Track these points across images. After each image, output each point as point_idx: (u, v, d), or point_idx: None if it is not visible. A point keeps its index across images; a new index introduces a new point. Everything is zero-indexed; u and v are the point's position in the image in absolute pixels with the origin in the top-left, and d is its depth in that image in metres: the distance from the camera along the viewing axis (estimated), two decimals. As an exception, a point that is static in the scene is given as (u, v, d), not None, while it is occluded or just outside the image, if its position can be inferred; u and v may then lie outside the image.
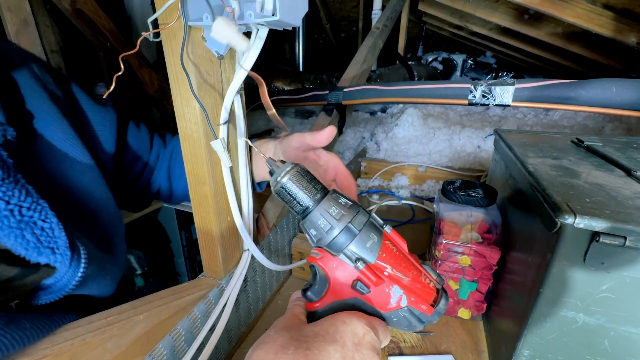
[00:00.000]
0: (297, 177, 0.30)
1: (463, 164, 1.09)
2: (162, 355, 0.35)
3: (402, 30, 1.97)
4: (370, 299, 0.29)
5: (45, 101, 0.39)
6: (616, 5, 1.07)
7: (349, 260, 0.29)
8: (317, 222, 0.29)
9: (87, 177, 0.41)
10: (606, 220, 0.27)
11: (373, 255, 0.29)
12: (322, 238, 0.29)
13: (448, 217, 0.53)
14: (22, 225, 0.30)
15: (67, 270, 0.33)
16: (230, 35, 0.29)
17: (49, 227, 0.32)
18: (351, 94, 0.89)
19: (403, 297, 0.29)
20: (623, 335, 0.31)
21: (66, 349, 0.29)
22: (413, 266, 0.30)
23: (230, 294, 0.44)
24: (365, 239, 0.29)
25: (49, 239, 0.32)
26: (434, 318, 0.29)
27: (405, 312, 0.29)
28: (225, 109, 0.39)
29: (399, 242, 0.31)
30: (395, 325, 0.30)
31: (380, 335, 0.28)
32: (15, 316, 0.28)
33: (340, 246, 0.29)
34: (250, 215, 0.46)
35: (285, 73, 1.94)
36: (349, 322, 0.26)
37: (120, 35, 1.19)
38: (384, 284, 0.29)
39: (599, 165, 0.43)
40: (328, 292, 0.30)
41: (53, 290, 0.34)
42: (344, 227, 0.29)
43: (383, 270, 0.29)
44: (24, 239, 0.30)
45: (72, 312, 0.34)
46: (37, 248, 0.31)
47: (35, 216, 0.31)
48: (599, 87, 0.59)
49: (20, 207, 0.30)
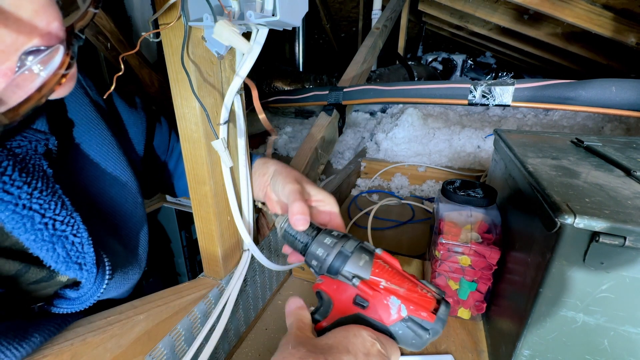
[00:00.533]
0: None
1: (463, 164, 1.09)
2: (163, 355, 0.35)
3: (402, 31, 1.97)
4: (371, 312, 0.31)
5: (86, 108, 0.39)
6: (616, 5, 1.07)
7: (346, 279, 0.33)
8: (316, 252, 0.35)
9: (116, 187, 0.42)
10: (606, 220, 0.27)
11: (367, 272, 0.32)
12: (322, 265, 0.35)
13: (448, 217, 0.53)
14: (54, 239, 0.31)
15: (91, 285, 0.34)
16: (231, 37, 0.29)
17: (79, 242, 0.32)
18: (351, 94, 0.89)
19: (402, 307, 0.30)
20: (623, 335, 0.31)
21: (66, 349, 0.29)
22: (407, 279, 0.33)
23: (230, 294, 0.44)
24: (358, 259, 0.33)
25: (78, 254, 0.32)
26: (437, 325, 0.30)
27: (408, 321, 0.30)
28: (226, 109, 0.39)
29: (391, 260, 0.35)
30: (402, 340, 0.31)
31: (387, 348, 0.29)
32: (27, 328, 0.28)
33: (337, 269, 0.33)
34: (250, 215, 0.47)
35: (285, 73, 1.94)
36: (358, 335, 0.28)
37: (121, 36, 1.19)
38: (381, 296, 0.31)
39: (598, 165, 0.43)
40: (333, 311, 0.33)
41: (75, 303, 0.35)
42: (338, 251, 0.34)
43: (378, 283, 0.32)
44: (54, 252, 0.31)
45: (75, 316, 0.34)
46: (66, 262, 0.32)
47: (68, 230, 0.31)
48: (599, 87, 0.59)
49: (55, 221, 0.31)
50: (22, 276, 0.31)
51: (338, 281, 0.34)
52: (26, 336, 0.27)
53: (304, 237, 0.37)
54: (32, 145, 0.30)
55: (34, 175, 0.30)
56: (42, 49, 0.20)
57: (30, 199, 0.29)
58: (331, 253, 0.34)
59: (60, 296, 0.34)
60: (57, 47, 0.21)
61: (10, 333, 0.26)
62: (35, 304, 0.33)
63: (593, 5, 1.10)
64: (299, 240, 0.38)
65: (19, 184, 0.28)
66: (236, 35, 0.29)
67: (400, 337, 0.31)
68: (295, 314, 0.33)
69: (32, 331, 0.28)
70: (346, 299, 0.32)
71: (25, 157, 0.30)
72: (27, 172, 0.29)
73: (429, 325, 0.30)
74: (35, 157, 0.31)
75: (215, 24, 0.29)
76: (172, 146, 0.57)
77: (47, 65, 0.21)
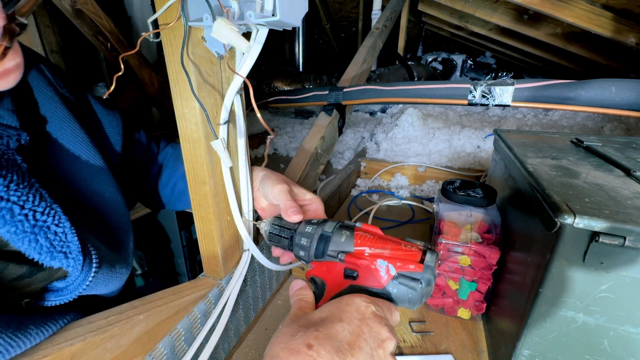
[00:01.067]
0: (277, 222, 0.41)
1: (463, 164, 1.09)
2: (162, 355, 0.35)
3: (402, 31, 1.97)
4: (363, 280, 0.32)
5: (57, 105, 0.39)
6: (615, 5, 1.07)
7: (333, 258, 0.34)
8: (300, 242, 0.37)
9: (97, 179, 0.42)
10: (605, 220, 0.28)
11: (350, 245, 0.34)
12: (309, 253, 0.36)
13: (448, 217, 0.53)
14: (36, 230, 0.30)
15: (79, 274, 0.34)
16: (230, 35, 0.29)
17: (62, 231, 0.32)
18: (351, 94, 0.89)
19: (390, 267, 0.31)
20: (622, 335, 0.31)
21: (66, 349, 0.29)
22: (390, 241, 0.34)
23: (230, 294, 0.44)
24: (339, 237, 0.35)
25: (62, 243, 0.32)
26: (427, 273, 0.31)
27: (398, 278, 0.31)
28: (226, 109, 0.39)
29: (371, 229, 0.36)
30: (398, 297, 0.32)
31: (384, 309, 0.29)
32: (22, 320, 0.28)
33: (322, 251, 0.35)
34: (250, 215, 0.47)
35: (285, 73, 1.94)
36: (351, 302, 0.28)
37: (121, 36, 1.19)
38: (368, 262, 0.32)
39: (598, 165, 0.43)
40: (327, 290, 0.33)
41: (64, 293, 0.35)
42: (319, 235, 0.36)
43: (363, 252, 0.33)
44: (37, 244, 0.30)
45: (72, 311, 0.34)
46: (51, 252, 0.31)
47: (49, 220, 0.31)
48: (598, 87, 0.59)
49: (35, 212, 0.30)
50: (1, 273, 0.30)
51: (326, 262, 0.35)
52: (21, 328, 0.26)
53: (287, 233, 0.39)
54: (3, 141, 0.30)
55: (8, 169, 0.29)
56: None
57: (7, 191, 0.29)
58: (313, 239, 0.36)
59: (48, 289, 0.34)
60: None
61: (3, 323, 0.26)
62: (22, 300, 0.32)
63: (593, 5, 1.10)
64: (284, 237, 0.39)
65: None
66: (235, 34, 0.29)
67: (397, 296, 0.32)
68: (296, 294, 0.33)
69: (27, 324, 0.27)
70: (337, 275, 0.34)
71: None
72: (1, 166, 0.29)
73: (418, 275, 0.31)
74: (8, 152, 0.30)
75: (214, 23, 0.29)
76: (152, 155, 0.57)
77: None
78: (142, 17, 1.42)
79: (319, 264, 0.36)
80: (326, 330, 0.25)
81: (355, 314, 0.27)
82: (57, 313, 0.32)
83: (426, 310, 0.56)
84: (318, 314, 0.28)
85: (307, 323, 0.27)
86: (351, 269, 0.33)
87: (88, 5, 1.08)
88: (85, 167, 0.40)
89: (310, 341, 0.24)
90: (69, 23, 1.13)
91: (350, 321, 0.26)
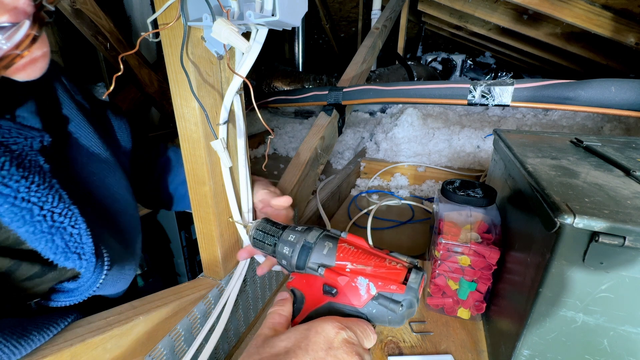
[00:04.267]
0: (261, 227, 0.39)
1: (462, 164, 1.09)
2: (162, 356, 0.35)
3: (402, 31, 1.97)
4: (342, 298, 0.30)
5: (73, 110, 0.40)
6: (615, 5, 1.07)
7: (313, 271, 0.32)
8: (283, 251, 0.35)
9: (111, 180, 0.43)
10: (605, 220, 0.27)
11: (331, 258, 0.32)
12: (290, 262, 0.34)
13: (447, 217, 0.53)
14: (53, 231, 0.31)
15: (90, 275, 0.35)
16: (229, 35, 0.29)
17: (78, 233, 0.33)
18: (350, 94, 0.89)
19: (370, 286, 0.30)
20: (622, 335, 0.31)
21: (66, 350, 0.28)
22: (375, 256, 0.32)
23: (230, 294, 0.44)
24: (321, 248, 0.33)
25: (76, 244, 0.33)
26: (409, 295, 0.29)
27: (378, 298, 0.29)
28: (225, 109, 0.39)
29: (357, 241, 0.34)
30: (377, 318, 0.30)
31: (358, 333, 0.28)
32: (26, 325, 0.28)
33: (303, 262, 0.33)
34: (250, 215, 0.46)
35: (284, 73, 1.94)
36: (320, 331, 0.27)
37: (120, 36, 1.18)
38: (348, 280, 0.30)
39: (597, 165, 0.43)
40: (305, 305, 0.32)
41: (74, 294, 0.35)
42: (301, 245, 0.34)
43: (344, 267, 0.31)
44: (53, 244, 0.31)
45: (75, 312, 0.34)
46: (65, 253, 0.32)
47: (66, 222, 0.32)
48: (598, 87, 0.59)
49: (53, 213, 0.31)
50: (14, 273, 0.31)
51: (307, 275, 0.33)
52: (24, 334, 0.27)
53: (271, 240, 0.37)
54: (27, 142, 0.31)
55: (30, 170, 0.30)
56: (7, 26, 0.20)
57: (29, 192, 0.30)
58: (295, 249, 0.34)
59: (58, 290, 0.35)
60: (22, 22, 0.21)
61: (7, 330, 0.26)
62: (32, 300, 0.33)
63: (592, 5, 1.10)
64: (268, 244, 0.37)
65: (17, 178, 0.29)
66: (235, 34, 0.29)
67: (375, 317, 0.30)
68: (272, 310, 0.32)
69: (30, 329, 0.28)
70: (316, 290, 0.32)
71: (21, 154, 0.31)
72: (24, 167, 0.30)
73: (400, 297, 0.29)
74: (32, 154, 0.31)
75: (213, 23, 0.29)
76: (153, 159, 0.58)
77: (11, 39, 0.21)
78: (141, 17, 1.42)
79: (300, 276, 0.34)
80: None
81: (322, 344, 0.26)
82: (59, 315, 0.32)
83: (426, 310, 0.56)
84: (284, 341, 0.27)
85: (270, 354, 0.26)
86: (330, 285, 0.31)
87: (87, 5, 1.08)
88: (101, 168, 0.42)
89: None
90: (69, 23, 1.13)
91: (315, 353, 0.25)
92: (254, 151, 1.55)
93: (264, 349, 0.27)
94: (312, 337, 0.26)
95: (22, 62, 0.24)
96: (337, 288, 0.31)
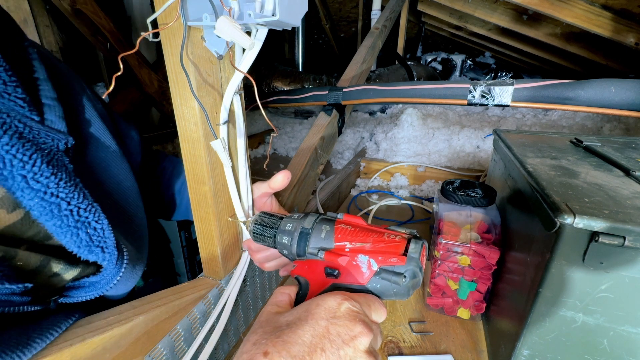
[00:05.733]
0: (259, 221, 0.40)
1: (462, 164, 1.09)
2: (162, 356, 0.35)
3: (402, 31, 1.97)
4: (345, 278, 0.31)
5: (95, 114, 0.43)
6: (614, 5, 1.07)
7: (313, 256, 0.33)
8: (282, 241, 0.36)
9: (127, 183, 0.45)
10: (605, 220, 0.28)
11: (330, 241, 0.32)
12: (291, 251, 0.35)
13: (447, 217, 0.53)
14: (79, 225, 0.33)
15: (112, 268, 0.36)
16: (233, 32, 0.29)
17: (101, 227, 0.35)
18: (350, 94, 0.89)
19: (371, 262, 0.30)
20: (622, 335, 0.31)
21: (65, 350, 0.28)
22: (373, 232, 0.32)
23: (230, 294, 0.44)
24: (319, 232, 0.33)
25: (99, 238, 0.35)
26: (410, 265, 0.29)
27: (380, 273, 0.29)
28: (225, 109, 0.39)
29: (353, 220, 0.35)
30: (383, 293, 0.30)
31: (362, 303, 0.28)
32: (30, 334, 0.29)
33: (303, 249, 0.34)
34: (250, 214, 0.46)
35: (284, 73, 1.93)
36: (322, 303, 0.27)
37: (120, 36, 1.19)
38: (349, 259, 0.31)
39: (597, 165, 0.43)
40: (310, 290, 0.32)
41: (93, 289, 0.37)
42: (299, 233, 0.34)
43: (343, 248, 0.32)
44: (78, 237, 0.33)
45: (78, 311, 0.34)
46: (89, 247, 0.34)
47: (90, 217, 0.34)
48: (598, 87, 0.59)
49: (79, 208, 0.33)
50: (44, 268, 0.33)
51: (309, 261, 0.33)
52: (28, 342, 0.27)
53: (270, 232, 0.38)
54: (54, 143, 0.33)
55: (59, 169, 0.32)
56: None
57: (57, 188, 0.31)
58: (294, 237, 0.35)
59: (77, 286, 0.36)
60: None
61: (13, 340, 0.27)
62: (51, 297, 0.34)
63: (592, 5, 1.10)
64: (268, 236, 0.38)
65: (47, 175, 0.31)
66: (238, 31, 0.29)
67: (381, 292, 0.30)
68: (277, 289, 0.33)
69: (34, 337, 0.28)
70: (319, 274, 0.32)
71: (50, 152, 0.32)
72: (53, 165, 0.32)
73: (402, 269, 0.29)
74: (58, 154, 0.33)
75: (217, 21, 0.29)
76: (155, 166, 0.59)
77: None
78: (141, 17, 1.42)
79: (302, 262, 0.34)
80: (286, 336, 0.24)
81: (323, 314, 0.26)
82: (64, 316, 0.32)
83: (426, 310, 0.56)
84: (287, 316, 0.27)
85: (273, 328, 0.26)
86: (332, 267, 0.31)
87: (87, 5, 1.08)
88: (118, 172, 0.44)
89: (268, 349, 0.23)
90: (69, 23, 1.13)
91: (316, 323, 0.25)
92: (253, 151, 1.55)
93: (267, 324, 0.27)
94: (313, 309, 0.27)
95: None
96: (339, 269, 0.31)
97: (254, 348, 0.24)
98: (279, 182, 0.45)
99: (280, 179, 0.45)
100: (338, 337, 0.25)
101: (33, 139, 0.31)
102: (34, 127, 0.31)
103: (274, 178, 0.45)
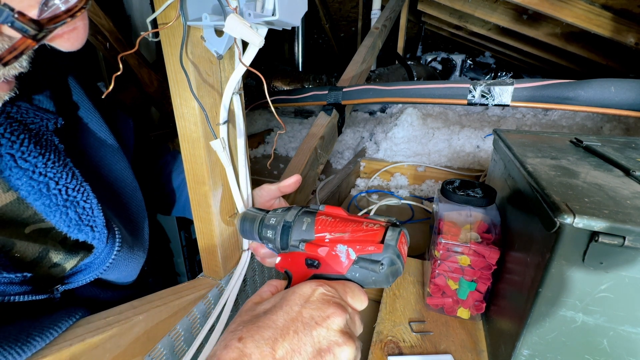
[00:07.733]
0: (244, 217, 0.40)
1: (462, 164, 1.09)
2: (162, 355, 0.35)
3: (402, 31, 1.97)
4: (325, 268, 0.31)
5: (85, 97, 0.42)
6: (614, 5, 1.07)
7: (295, 248, 0.33)
8: (267, 235, 0.36)
9: (120, 166, 0.45)
10: (605, 220, 0.28)
11: (310, 233, 0.33)
12: (276, 245, 0.35)
13: (447, 217, 0.53)
14: (68, 204, 0.33)
15: (104, 247, 0.36)
16: (243, 30, 0.29)
17: (90, 207, 0.35)
18: (350, 94, 0.89)
19: (349, 251, 0.30)
20: (622, 335, 0.31)
21: (65, 350, 0.28)
22: (352, 222, 0.32)
23: (230, 294, 0.43)
24: (301, 225, 0.34)
25: (89, 217, 0.35)
26: (387, 253, 0.29)
27: (359, 262, 0.30)
28: (225, 108, 0.39)
29: (334, 211, 0.35)
30: (362, 281, 0.31)
31: (338, 289, 0.29)
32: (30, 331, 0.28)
33: (285, 242, 0.34)
34: (249, 215, 0.46)
35: (284, 73, 1.93)
36: (297, 290, 0.28)
37: (120, 35, 1.18)
38: (328, 249, 0.31)
39: (597, 165, 0.43)
40: (292, 282, 0.33)
41: (89, 271, 0.37)
42: (282, 226, 0.35)
43: (323, 239, 0.32)
44: (67, 217, 0.33)
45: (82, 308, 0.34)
46: (79, 225, 0.34)
47: (79, 196, 0.34)
48: (598, 87, 0.59)
49: (67, 188, 0.33)
50: (44, 259, 0.33)
51: (291, 253, 0.34)
52: (28, 340, 0.27)
53: (255, 226, 0.38)
54: (43, 123, 0.33)
55: (47, 148, 0.32)
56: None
57: (45, 167, 0.32)
58: (277, 230, 0.35)
59: (75, 272, 0.36)
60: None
61: (12, 337, 0.26)
62: (52, 286, 0.34)
63: (592, 5, 1.10)
64: (255, 232, 0.38)
65: (35, 154, 0.31)
66: (248, 29, 0.29)
67: (360, 280, 0.30)
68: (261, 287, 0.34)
69: (34, 334, 0.28)
70: (300, 266, 0.33)
71: (38, 133, 0.32)
72: (41, 145, 0.32)
73: (379, 257, 0.29)
74: (47, 134, 0.33)
75: (226, 19, 0.29)
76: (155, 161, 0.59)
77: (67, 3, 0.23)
78: (141, 16, 1.42)
79: (285, 255, 0.35)
80: (261, 322, 0.25)
81: (298, 300, 0.27)
82: (65, 314, 0.32)
83: (426, 310, 0.56)
84: (265, 305, 0.28)
85: (251, 317, 0.27)
86: (312, 259, 0.32)
87: (87, 4, 1.08)
88: (109, 153, 0.44)
89: (243, 334, 0.24)
90: (68, 22, 1.12)
91: (290, 308, 0.26)
92: (253, 151, 1.55)
93: (246, 313, 0.28)
94: (289, 297, 0.27)
95: (67, 29, 0.25)
96: (319, 260, 0.31)
97: (230, 335, 0.25)
98: (290, 187, 0.46)
99: (292, 183, 0.46)
100: (311, 320, 0.25)
101: (21, 118, 0.31)
102: (22, 107, 0.31)
103: (285, 181, 0.46)
